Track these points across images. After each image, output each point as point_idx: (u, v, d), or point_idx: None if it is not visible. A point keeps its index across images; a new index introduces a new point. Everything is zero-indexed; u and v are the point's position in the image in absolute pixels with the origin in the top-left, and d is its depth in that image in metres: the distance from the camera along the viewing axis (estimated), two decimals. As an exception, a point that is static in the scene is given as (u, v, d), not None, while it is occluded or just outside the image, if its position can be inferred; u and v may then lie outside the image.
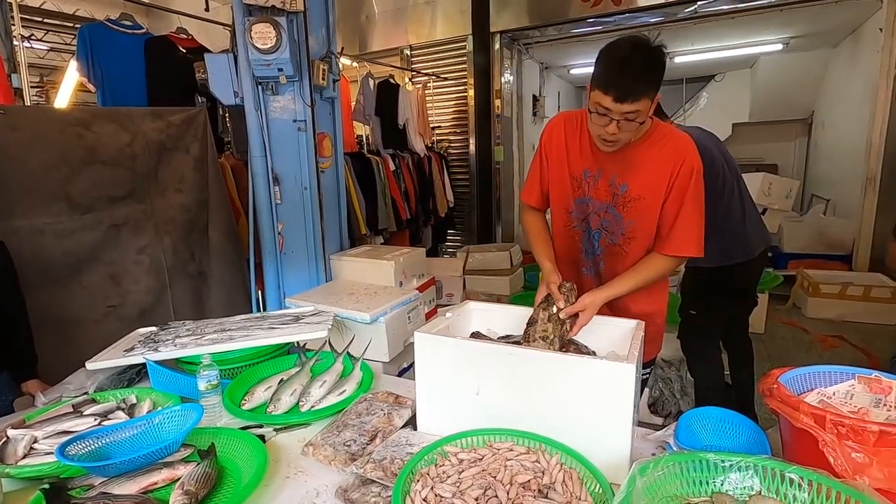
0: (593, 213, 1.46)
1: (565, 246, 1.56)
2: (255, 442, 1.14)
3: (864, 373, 0.99)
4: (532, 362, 1.07)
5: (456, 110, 5.63)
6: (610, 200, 1.41)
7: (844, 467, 0.81)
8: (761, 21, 5.15)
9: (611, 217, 1.43)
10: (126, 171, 2.37)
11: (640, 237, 1.42)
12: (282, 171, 2.58)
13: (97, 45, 2.95)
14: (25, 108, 2.50)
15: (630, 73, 1.16)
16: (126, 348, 1.59)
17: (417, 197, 4.77)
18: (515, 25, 5.18)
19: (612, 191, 1.40)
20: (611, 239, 1.45)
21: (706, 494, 0.87)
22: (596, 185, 1.42)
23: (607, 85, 1.17)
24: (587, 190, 1.44)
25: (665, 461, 0.86)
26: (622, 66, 1.16)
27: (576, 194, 1.47)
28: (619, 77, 1.16)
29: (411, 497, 0.92)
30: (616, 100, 1.16)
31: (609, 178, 1.40)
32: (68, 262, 2.21)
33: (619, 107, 1.17)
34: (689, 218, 1.33)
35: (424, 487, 0.93)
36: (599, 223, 1.45)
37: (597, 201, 1.44)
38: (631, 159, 1.36)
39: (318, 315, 1.79)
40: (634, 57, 1.17)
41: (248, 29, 2.28)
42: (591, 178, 1.43)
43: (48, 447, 1.15)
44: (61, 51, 5.33)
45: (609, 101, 1.17)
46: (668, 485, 0.86)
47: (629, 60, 1.16)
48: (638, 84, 1.16)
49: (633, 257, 1.44)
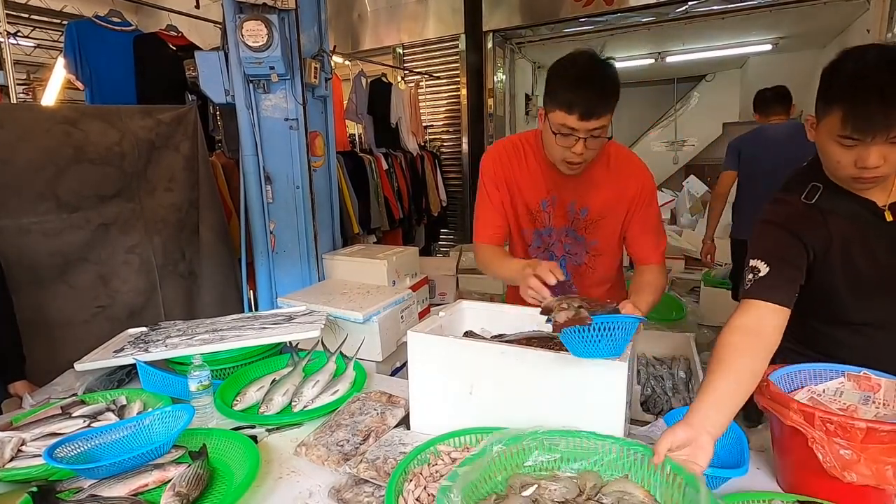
0: (556, 242, 1.43)
1: None
2: (247, 442, 1.13)
3: (854, 370, 1.00)
4: (525, 361, 1.07)
5: (448, 109, 5.63)
6: (569, 224, 1.40)
7: (833, 464, 0.82)
8: (751, 21, 5.20)
9: (572, 240, 1.41)
10: (115, 170, 2.35)
11: (606, 252, 1.42)
12: (273, 169, 2.57)
13: (85, 43, 2.92)
14: (12, 106, 2.47)
15: (594, 89, 1.12)
16: (115, 349, 1.57)
17: (410, 196, 4.76)
18: (508, 24, 5.19)
19: (571, 216, 1.38)
20: (576, 261, 1.44)
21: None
22: (554, 211, 1.39)
23: (571, 104, 1.12)
24: (547, 220, 1.40)
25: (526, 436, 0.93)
26: (585, 83, 1.12)
27: (535, 226, 1.42)
28: (584, 94, 1.12)
29: (404, 497, 0.92)
30: (581, 118, 1.12)
31: (566, 204, 1.37)
32: (56, 262, 2.18)
33: (585, 125, 1.13)
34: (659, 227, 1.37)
35: (417, 487, 0.93)
36: (563, 249, 1.43)
37: (557, 228, 1.41)
38: (587, 182, 1.33)
39: (310, 315, 1.78)
40: (594, 72, 1.14)
41: (240, 26, 2.26)
42: (549, 206, 1.39)
43: (36, 449, 1.13)
44: (48, 48, 5.25)
45: (574, 121, 1.13)
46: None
47: (590, 76, 1.13)
48: (602, 99, 1.13)
49: (601, 272, 1.45)
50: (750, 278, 1.01)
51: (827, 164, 0.98)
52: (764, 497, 0.89)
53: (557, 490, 0.87)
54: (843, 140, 0.89)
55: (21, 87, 5.57)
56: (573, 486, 0.89)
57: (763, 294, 0.99)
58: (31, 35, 4.93)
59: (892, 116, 0.82)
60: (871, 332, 1.08)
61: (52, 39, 5.08)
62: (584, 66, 1.14)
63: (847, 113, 0.87)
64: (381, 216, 4.22)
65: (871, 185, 0.95)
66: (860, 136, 0.86)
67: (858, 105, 0.85)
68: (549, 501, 0.85)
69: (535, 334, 1.31)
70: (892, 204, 0.99)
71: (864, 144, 0.87)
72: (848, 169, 0.92)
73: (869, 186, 0.95)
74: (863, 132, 0.85)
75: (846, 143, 0.89)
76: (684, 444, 0.83)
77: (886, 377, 0.97)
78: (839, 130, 0.89)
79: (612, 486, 0.88)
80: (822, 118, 0.93)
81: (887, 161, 0.87)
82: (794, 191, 1.07)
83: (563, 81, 1.15)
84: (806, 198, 1.04)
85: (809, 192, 1.04)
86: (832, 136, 0.91)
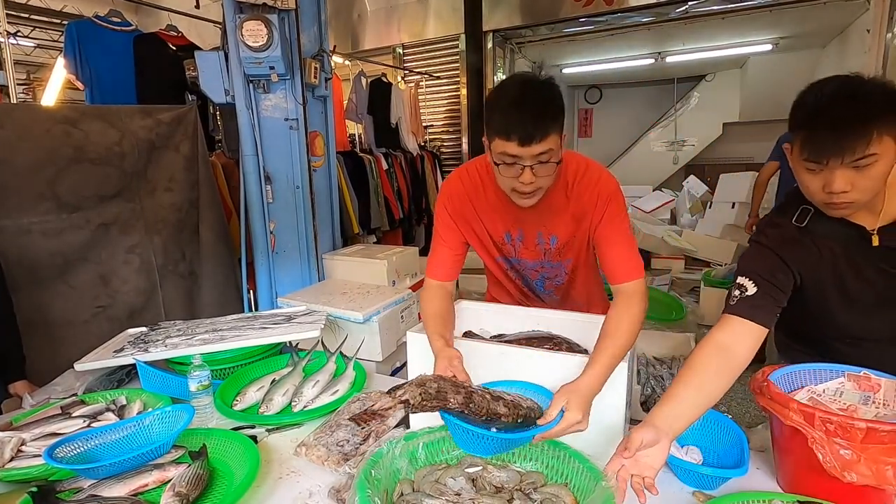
0: (529, 270, 1.39)
1: (508, 288, 1.49)
2: (247, 442, 1.13)
3: (854, 370, 1.00)
4: (525, 361, 1.07)
5: (448, 109, 5.63)
6: (543, 257, 1.33)
7: (833, 464, 0.82)
8: (751, 21, 5.20)
9: (548, 269, 1.36)
10: (115, 170, 2.35)
11: (583, 264, 1.37)
12: (273, 169, 2.57)
13: (85, 42, 2.92)
14: (12, 106, 2.46)
15: (529, 112, 1.03)
16: (115, 349, 1.57)
17: (410, 196, 4.76)
18: (508, 24, 5.19)
19: (542, 248, 1.31)
20: (556, 281, 1.41)
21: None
22: (522, 245, 1.32)
23: (507, 131, 1.04)
24: (514, 252, 1.35)
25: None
26: (518, 107, 1.04)
27: (502, 253, 1.37)
28: (519, 119, 1.03)
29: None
30: (521, 143, 1.03)
31: (534, 235, 1.30)
32: (56, 262, 2.18)
33: (526, 150, 1.04)
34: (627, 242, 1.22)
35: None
36: (538, 276, 1.40)
37: (528, 261, 1.36)
38: (549, 209, 1.24)
39: (310, 315, 1.78)
40: (527, 94, 1.06)
41: (240, 26, 2.26)
42: (513, 240, 1.32)
43: (36, 449, 1.13)
44: (48, 48, 5.25)
45: (514, 148, 1.04)
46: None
47: (523, 98, 1.05)
48: (540, 121, 1.03)
49: (582, 279, 1.41)
50: (736, 295, 1.05)
51: (803, 190, 1.02)
52: (764, 497, 0.89)
53: (499, 476, 0.92)
54: (807, 164, 0.95)
55: (21, 87, 5.57)
56: (515, 478, 0.94)
57: (746, 313, 1.02)
58: (31, 35, 4.92)
59: (842, 142, 0.88)
60: (870, 346, 1.11)
61: (52, 39, 5.08)
62: (518, 90, 1.07)
63: (805, 139, 0.94)
64: (381, 216, 4.22)
65: (844, 211, 0.98)
66: (816, 160, 0.93)
67: (813, 131, 0.92)
68: (486, 483, 0.91)
69: (534, 334, 1.31)
70: (880, 228, 1.01)
71: (827, 169, 0.92)
72: (818, 194, 0.97)
73: (842, 212, 0.98)
74: (818, 156, 0.92)
75: (810, 168, 0.95)
76: (650, 444, 0.87)
77: (886, 377, 0.97)
78: (801, 155, 0.95)
79: (549, 489, 0.93)
80: (792, 146, 0.99)
81: (855, 187, 0.91)
82: (787, 213, 1.10)
83: (498, 107, 1.07)
84: (797, 220, 1.08)
85: (800, 215, 1.08)
86: (799, 162, 0.97)
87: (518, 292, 1.49)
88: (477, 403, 0.87)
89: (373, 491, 0.85)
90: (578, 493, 0.92)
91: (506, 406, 0.90)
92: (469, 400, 0.87)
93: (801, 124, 0.95)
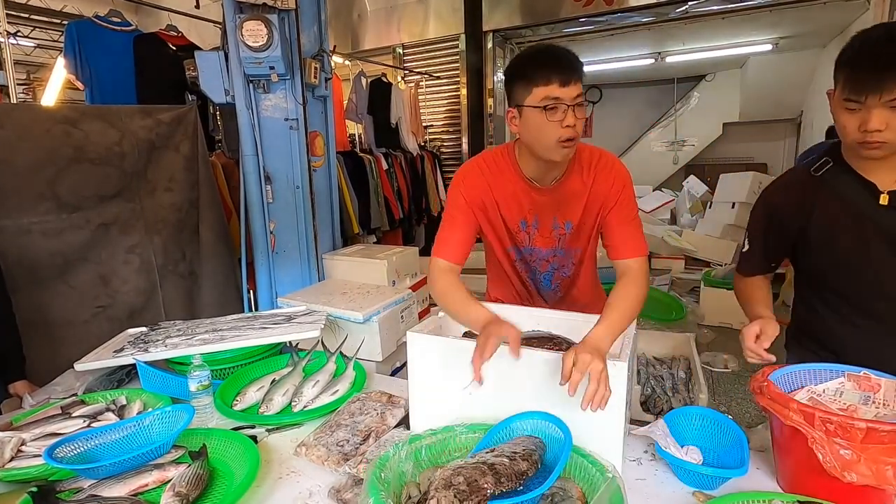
0: (541, 260, 1.40)
1: (511, 284, 1.48)
2: (247, 442, 1.13)
3: (854, 370, 1.00)
4: (524, 361, 1.07)
5: (449, 109, 5.63)
6: (557, 245, 1.35)
7: (833, 464, 0.82)
8: (751, 21, 5.20)
9: (560, 258, 1.38)
10: (115, 170, 2.35)
11: (589, 257, 1.42)
12: (273, 169, 2.57)
13: (85, 42, 2.92)
14: (12, 106, 2.46)
15: (563, 58, 1.15)
16: (115, 349, 1.57)
17: (410, 196, 4.76)
18: (508, 24, 5.19)
19: (557, 234, 1.34)
20: (564, 273, 1.42)
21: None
22: (537, 233, 1.34)
23: (548, 76, 1.12)
24: (527, 241, 1.36)
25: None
26: (552, 55, 1.15)
27: (514, 243, 1.39)
28: (556, 64, 1.13)
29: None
30: (562, 84, 1.12)
31: (550, 221, 1.32)
32: (56, 262, 2.18)
33: (569, 91, 1.12)
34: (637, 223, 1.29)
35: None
36: (549, 267, 1.41)
37: (542, 249, 1.37)
38: (566, 195, 1.29)
39: (310, 315, 1.78)
40: (553, 49, 1.17)
41: (240, 26, 2.26)
42: (529, 227, 1.34)
43: (36, 449, 1.13)
44: (48, 48, 5.26)
45: (556, 89, 1.12)
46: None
47: (553, 50, 1.16)
48: (572, 65, 1.14)
49: (586, 274, 1.44)
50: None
51: (839, 132, 1.08)
52: (764, 497, 0.89)
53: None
54: (847, 104, 1.01)
55: (21, 87, 5.57)
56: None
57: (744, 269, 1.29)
58: (31, 35, 4.93)
59: (882, 80, 0.94)
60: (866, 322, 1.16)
61: (52, 39, 5.08)
62: (545, 48, 1.19)
63: (847, 78, 1.00)
64: (381, 216, 4.22)
65: (877, 151, 1.01)
66: (856, 97, 0.98)
67: (854, 69, 0.99)
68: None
69: (534, 334, 1.31)
70: (891, 192, 1.06)
71: (865, 107, 0.98)
72: (854, 134, 1.02)
73: (875, 153, 1.02)
74: (858, 93, 0.98)
75: (849, 107, 1.01)
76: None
77: (886, 377, 0.97)
78: (841, 94, 1.02)
79: (555, 483, 0.91)
80: (835, 89, 1.05)
81: (889, 126, 0.97)
82: (808, 162, 1.19)
83: (532, 63, 1.17)
84: (814, 170, 1.16)
85: (819, 166, 1.16)
86: (840, 102, 1.03)
87: (522, 287, 1.49)
88: (505, 474, 0.85)
89: (385, 493, 0.85)
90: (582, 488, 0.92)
91: (524, 459, 0.90)
92: (497, 474, 0.85)
93: (844, 63, 1.02)
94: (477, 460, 0.89)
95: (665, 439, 1.07)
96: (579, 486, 0.92)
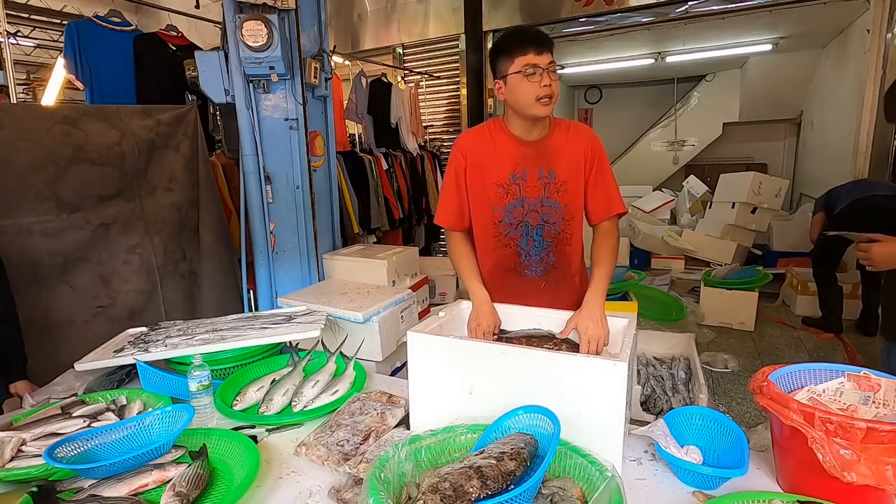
0: (531, 212, 1.52)
1: (501, 256, 1.56)
2: (247, 442, 1.13)
3: (854, 370, 1.01)
4: (525, 361, 1.07)
5: (449, 109, 5.63)
6: (543, 193, 1.51)
7: (833, 464, 0.82)
8: (751, 21, 5.20)
9: (548, 208, 1.52)
10: (115, 170, 2.35)
11: (576, 216, 1.54)
12: (273, 169, 2.57)
13: (85, 42, 2.91)
14: (11, 106, 2.46)
15: (536, 33, 1.39)
16: (116, 349, 1.57)
17: (410, 196, 4.76)
18: (508, 24, 5.18)
19: (543, 182, 1.50)
20: (554, 229, 1.53)
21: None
22: (525, 183, 1.51)
23: (524, 46, 1.36)
24: (519, 192, 1.51)
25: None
26: (527, 31, 1.39)
27: (506, 201, 1.52)
28: (531, 37, 1.38)
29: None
30: (538, 52, 1.36)
31: (537, 171, 1.50)
32: (56, 262, 2.18)
33: (542, 58, 1.36)
34: (612, 182, 1.53)
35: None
36: (539, 218, 1.52)
37: (531, 199, 1.51)
38: (549, 148, 1.50)
39: (310, 315, 1.78)
40: (528, 27, 1.44)
41: (240, 26, 2.26)
42: (518, 179, 1.50)
43: (36, 449, 1.13)
44: (48, 48, 5.26)
45: (532, 57, 1.36)
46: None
47: (527, 29, 1.42)
48: (545, 38, 1.38)
49: (576, 238, 1.57)
50: None
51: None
52: (764, 497, 0.89)
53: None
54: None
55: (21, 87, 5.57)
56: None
57: None
58: (31, 35, 4.93)
59: None
60: None
61: (52, 39, 5.09)
62: (520, 27, 1.46)
63: None
64: (381, 216, 4.22)
65: None
66: None
67: None
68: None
69: (534, 333, 1.31)
70: None
71: None
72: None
73: None
74: None
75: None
76: None
77: (886, 377, 0.97)
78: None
79: (555, 482, 0.93)
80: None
81: None
82: None
83: (511, 39, 1.40)
84: None
85: None
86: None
87: (514, 256, 1.56)
88: (491, 476, 0.85)
89: (385, 493, 0.85)
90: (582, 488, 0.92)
91: (512, 459, 0.89)
92: (482, 476, 0.85)
93: None
94: (464, 464, 0.90)
95: (665, 439, 1.07)
96: (579, 486, 0.92)
